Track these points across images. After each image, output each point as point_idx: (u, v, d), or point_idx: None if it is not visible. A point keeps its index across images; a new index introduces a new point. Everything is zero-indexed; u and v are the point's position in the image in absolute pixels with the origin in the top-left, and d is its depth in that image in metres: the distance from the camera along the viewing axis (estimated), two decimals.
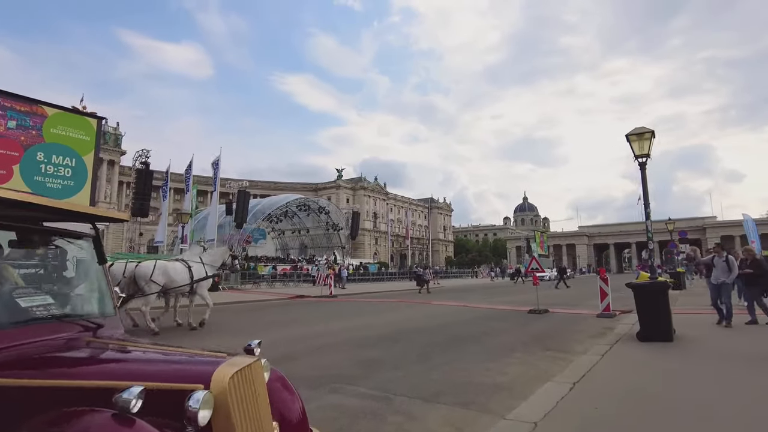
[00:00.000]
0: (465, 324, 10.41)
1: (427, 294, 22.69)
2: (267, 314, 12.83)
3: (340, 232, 48.86)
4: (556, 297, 19.70)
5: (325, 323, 10.74)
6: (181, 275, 9.07)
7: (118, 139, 73.00)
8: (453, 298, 19.97)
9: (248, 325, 10.24)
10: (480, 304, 16.10)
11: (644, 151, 8.15)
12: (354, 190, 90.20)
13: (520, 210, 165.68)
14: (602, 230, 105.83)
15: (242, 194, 38.08)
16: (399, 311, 13.67)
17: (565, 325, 10.31)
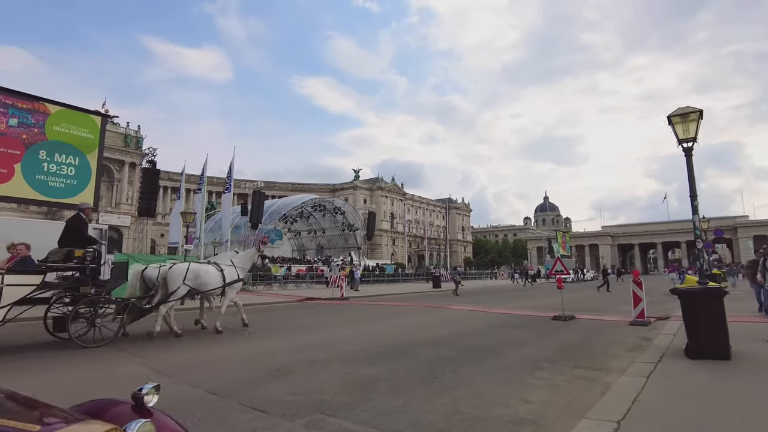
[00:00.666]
0: (481, 333, 9.32)
1: (454, 296, 21.50)
2: (268, 319, 11.97)
3: (356, 232, 48.05)
4: (581, 301, 18.32)
5: (326, 331, 9.81)
6: (214, 278, 9.01)
7: (139, 141, 73.81)
8: (470, 301, 18.82)
9: (241, 333, 9.37)
10: (499, 308, 14.93)
11: (689, 135, 6.96)
12: (371, 190, 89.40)
13: (540, 210, 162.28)
14: (626, 230, 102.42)
15: (257, 195, 37.54)
16: (410, 317, 12.65)
17: (596, 335, 9.12)
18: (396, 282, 37.79)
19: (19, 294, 6.53)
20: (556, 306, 14.83)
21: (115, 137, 72.02)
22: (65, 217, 33.04)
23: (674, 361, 5.96)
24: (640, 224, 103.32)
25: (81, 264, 7.31)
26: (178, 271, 8.59)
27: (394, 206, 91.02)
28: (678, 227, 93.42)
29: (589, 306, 15.79)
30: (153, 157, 18.95)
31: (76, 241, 7.54)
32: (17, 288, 6.49)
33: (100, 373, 5.75)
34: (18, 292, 6.51)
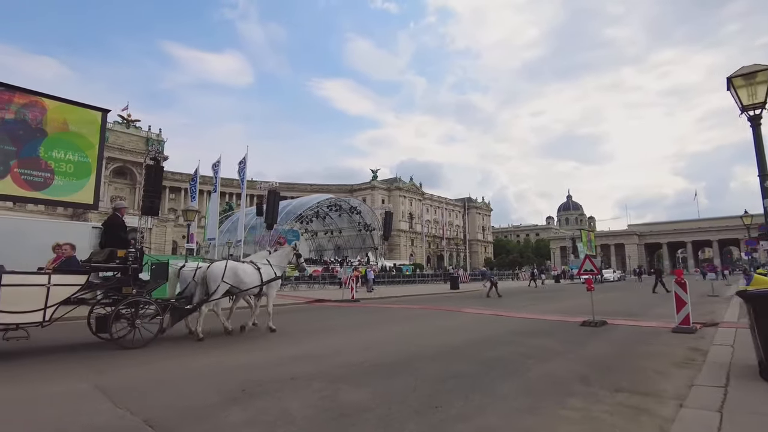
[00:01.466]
0: (499, 342, 8.03)
1: (493, 298, 20.04)
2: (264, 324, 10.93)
3: (372, 232, 47.03)
4: (611, 303, 16.75)
5: (321, 339, 8.70)
6: (251, 277, 8.94)
7: (161, 144, 74.80)
8: (488, 304, 17.46)
9: (234, 339, 8.36)
10: (520, 312, 13.57)
11: (757, 100, 5.58)
12: (389, 190, 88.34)
13: (564, 209, 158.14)
14: (654, 229, 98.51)
15: (272, 194, 36.83)
16: (419, 322, 11.44)
17: (635, 345, 7.74)
18: (412, 283, 36.53)
19: (64, 294, 6.57)
20: (583, 309, 13.45)
21: (137, 140, 73.13)
22: (90, 218, 31.43)
23: (748, 385, 4.61)
24: (669, 222, 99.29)
25: (123, 264, 7.35)
26: (216, 269, 8.50)
27: (413, 206, 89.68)
28: (709, 225, 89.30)
29: (620, 309, 14.26)
30: (157, 154, 18.13)
31: (117, 241, 7.58)
32: (63, 288, 6.55)
33: (34, 390, 4.78)
34: (63, 292, 6.56)
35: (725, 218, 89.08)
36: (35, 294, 6.29)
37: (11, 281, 6.13)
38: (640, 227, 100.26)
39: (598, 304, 14.93)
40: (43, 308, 6.33)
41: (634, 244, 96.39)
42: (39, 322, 6.34)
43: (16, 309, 6.11)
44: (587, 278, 10.60)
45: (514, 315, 12.59)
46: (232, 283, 8.62)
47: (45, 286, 6.37)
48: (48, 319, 6.41)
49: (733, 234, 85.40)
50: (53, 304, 6.43)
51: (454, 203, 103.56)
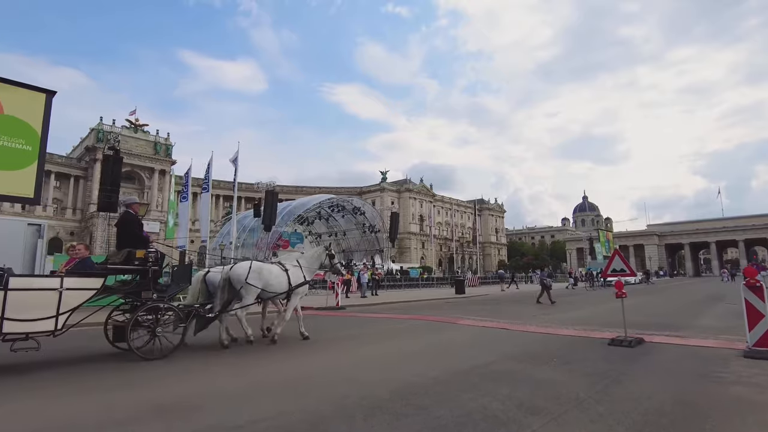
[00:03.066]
0: (489, 377, 5.32)
1: (548, 305, 16.87)
2: (203, 339, 8.48)
3: (377, 234, 44.51)
4: (640, 311, 13.87)
5: (268, 364, 6.29)
6: (278, 279, 8.13)
7: (169, 149, 73.67)
8: (494, 312, 14.73)
9: (160, 368, 5.95)
10: (528, 324, 10.83)
11: None
12: (399, 192, 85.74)
13: (579, 210, 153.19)
14: (675, 229, 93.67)
15: (270, 195, 34.54)
16: (399, 339, 8.83)
17: (699, 382, 5.04)
18: (416, 287, 33.84)
19: (79, 299, 5.92)
20: (606, 319, 10.78)
21: (146, 145, 72.06)
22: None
23: None
24: (691, 222, 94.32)
25: (142, 266, 6.65)
26: (239, 270, 7.80)
27: (423, 208, 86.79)
28: (734, 225, 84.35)
29: (654, 319, 11.42)
30: (116, 143, 15.92)
31: (133, 240, 6.85)
32: (77, 293, 5.91)
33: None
34: (78, 297, 5.92)
35: (752, 217, 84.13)
36: (46, 299, 5.62)
37: (20, 285, 5.48)
38: (660, 227, 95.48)
39: (627, 311, 12.22)
40: (55, 315, 5.64)
41: (654, 245, 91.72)
42: (51, 331, 5.63)
43: (25, 316, 5.44)
44: (616, 280, 7.82)
45: (520, 328, 9.85)
46: (259, 285, 7.79)
47: (57, 290, 5.68)
48: (61, 327, 5.71)
49: (760, 233, 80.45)
50: (66, 311, 5.74)
51: (466, 205, 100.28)
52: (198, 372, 5.82)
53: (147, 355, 6.40)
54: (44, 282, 5.91)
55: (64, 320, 5.78)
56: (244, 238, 41.33)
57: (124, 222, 7.16)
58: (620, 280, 7.74)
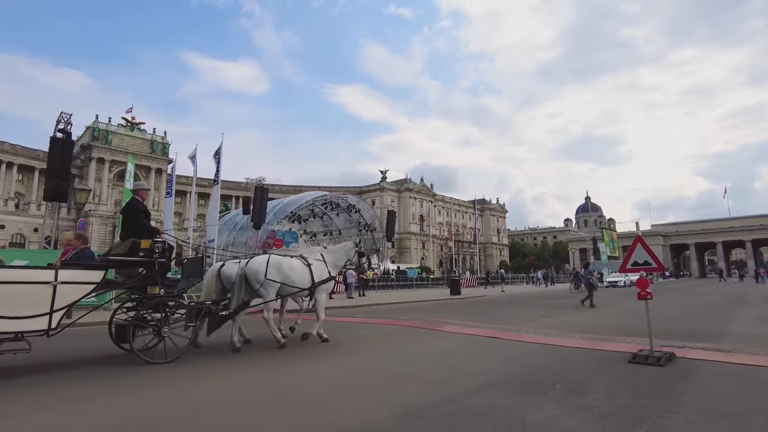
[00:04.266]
0: (467, 421, 3.45)
1: (588, 308, 14.47)
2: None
3: (373, 233, 42.66)
4: (660, 313, 11.94)
5: (170, 397, 4.44)
6: (300, 275, 7.31)
7: (165, 148, 72.18)
8: (486, 315, 12.83)
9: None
10: (525, 329, 8.92)
11: None
12: (399, 192, 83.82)
13: (582, 211, 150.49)
14: (680, 229, 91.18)
15: (259, 191, 32.76)
16: (357, 353, 6.91)
17: None
18: (410, 288, 31.99)
19: (76, 294, 5.19)
20: (619, 324, 8.91)
21: (142, 143, 70.60)
22: None
23: None
24: (697, 222, 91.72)
25: (148, 258, 5.92)
26: (256, 265, 7.02)
27: (424, 208, 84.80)
28: (741, 225, 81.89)
29: (680, 325, 9.51)
30: (66, 125, 14.10)
31: (139, 229, 6.16)
32: (74, 287, 5.17)
33: None
34: (75, 292, 5.18)
35: (759, 217, 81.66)
36: (38, 294, 4.96)
37: (7, 277, 4.85)
38: (665, 227, 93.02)
39: (634, 314, 10.32)
40: (48, 312, 4.98)
41: (659, 245, 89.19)
42: (44, 330, 4.98)
43: (13, 313, 4.76)
44: (639, 277, 5.86)
45: (513, 337, 7.90)
46: (279, 280, 7.02)
47: (51, 284, 5.02)
48: (55, 326, 5.06)
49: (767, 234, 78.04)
50: (62, 307, 5.09)
51: (467, 205, 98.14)
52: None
53: (151, 357, 5.63)
54: (36, 274, 5.13)
55: (59, 318, 5.09)
56: (234, 236, 39.61)
57: (130, 209, 6.42)
58: (644, 276, 5.79)
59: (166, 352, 5.66)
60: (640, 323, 8.86)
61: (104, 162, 65.50)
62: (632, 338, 7.31)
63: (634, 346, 6.29)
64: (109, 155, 65.83)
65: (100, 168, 65.58)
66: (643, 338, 7.24)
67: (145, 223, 6.32)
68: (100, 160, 65.23)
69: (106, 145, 65.46)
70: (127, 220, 6.47)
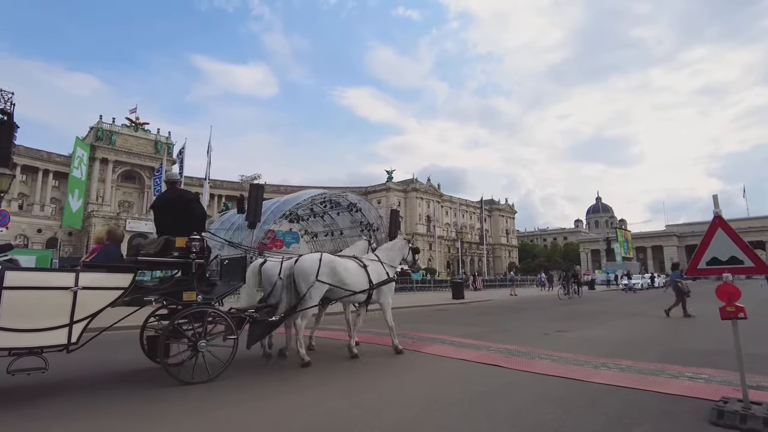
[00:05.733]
0: None
1: (683, 317, 11.71)
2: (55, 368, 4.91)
3: (376, 233, 40.57)
4: (702, 329, 9.59)
5: None
6: (355, 276, 6.32)
7: (170, 148, 70.96)
8: (489, 327, 10.58)
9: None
10: (537, 356, 6.64)
11: None
12: (405, 192, 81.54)
13: (593, 211, 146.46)
14: (696, 229, 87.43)
15: (255, 189, 30.64)
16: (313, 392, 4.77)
17: None
18: (410, 291, 29.73)
19: (100, 302, 4.34)
20: (653, 339, 6.73)
21: (146, 144, 69.45)
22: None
23: None
24: None
25: (184, 258, 5.00)
26: (307, 264, 6.02)
27: (431, 208, 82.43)
28: (761, 224, 78.13)
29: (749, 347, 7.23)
30: (8, 104, 12.13)
31: (182, 224, 5.16)
32: (97, 293, 4.33)
33: None
34: (99, 299, 4.33)
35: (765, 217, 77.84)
36: (56, 302, 4.07)
37: (19, 282, 3.97)
38: (680, 227, 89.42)
39: (688, 330, 8.05)
40: (68, 324, 4.10)
41: (674, 246, 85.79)
42: (63, 345, 4.10)
43: (26, 326, 3.93)
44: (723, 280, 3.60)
45: (523, 366, 5.60)
46: (333, 282, 6.07)
47: (70, 289, 4.12)
48: (76, 340, 4.14)
49: None
50: (83, 318, 4.16)
51: (475, 205, 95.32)
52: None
53: (183, 376, 4.70)
54: (52, 278, 4.29)
55: (81, 330, 4.24)
56: (231, 236, 37.94)
57: (168, 200, 5.48)
58: (730, 281, 3.52)
59: (208, 369, 4.80)
60: (693, 342, 6.70)
61: (108, 162, 64.40)
62: (693, 369, 5.07)
63: (708, 388, 4.05)
64: (113, 156, 64.72)
65: (104, 168, 64.49)
66: (710, 369, 4.99)
67: (187, 217, 5.27)
68: (103, 161, 64.15)
69: (109, 145, 64.37)
70: (163, 213, 5.44)
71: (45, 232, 60.60)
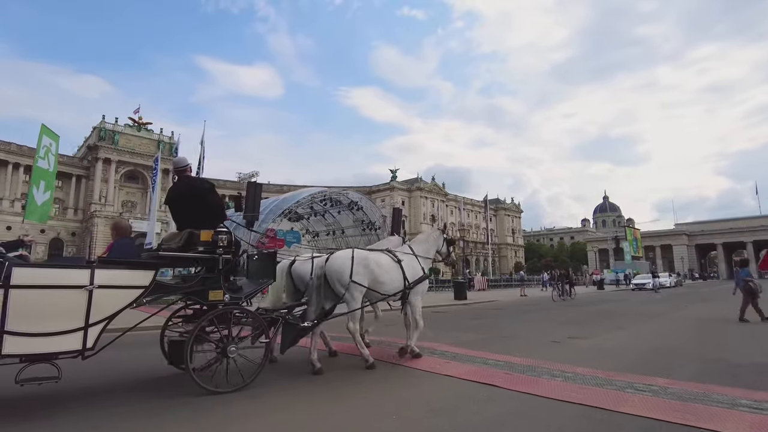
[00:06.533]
0: None
1: (761, 321, 10.14)
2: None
3: (378, 231, 39.51)
4: (739, 335, 8.40)
5: None
6: (390, 274, 5.72)
7: (173, 148, 70.38)
8: (490, 333, 9.44)
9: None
10: (545, 372, 5.46)
11: None
12: (409, 191, 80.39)
13: (600, 211, 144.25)
14: (706, 228, 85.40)
15: (252, 186, 29.66)
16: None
17: None
18: None
19: (118, 302, 3.86)
20: (690, 349, 5.61)
21: (149, 144, 68.89)
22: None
23: None
24: (725, 220, 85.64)
25: (210, 253, 4.46)
26: (339, 261, 5.49)
27: (435, 207, 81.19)
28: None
29: None
30: None
31: (201, 216, 4.67)
32: (115, 292, 3.85)
33: None
34: (117, 299, 3.85)
35: None
36: (70, 302, 3.62)
37: (29, 280, 3.49)
38: (689, 226, 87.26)
39: (721, 336, 6.92)
40: (83, 327, 3.64)
41: (683, 245, 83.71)
42: (78, 351, 3.65)
43: (37, 329, 3.47)
44: None
45: (525, 386, 4.43)
46: (366, 283, 5.46)
47: (85, 288, 3.65)
48: (92, 345, 3.69)
49: None
50: (100, 320, 3.72)
51: (480, 204, 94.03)
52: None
53: (214, 386, 4.14)
54: (66, 276, 3.65)
55: (97, 334, 3.71)
56: None
57: (184, 188, 4.92)
58: None
59: (242, 375, 4.38)
60: (737, 353, 5.57)
61: (110, 162, 63.92)
62: (755, 395, 3.92)
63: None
64: (116, 156, 64.23)
65: (107, 168, 64.01)
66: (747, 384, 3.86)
67: (219, 203, 4.86)
68: (106, 161, 63.68)
69: (112, 145, 63.90)
70: (180, 204, 4.89)
71: (48, 232, 60.23)
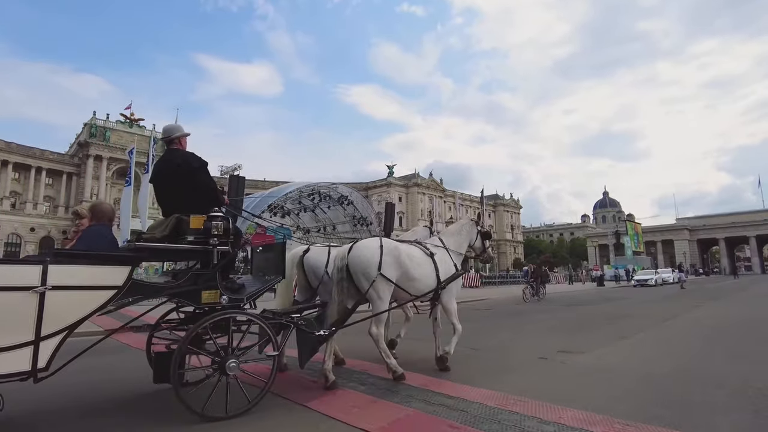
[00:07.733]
0: None
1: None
2: None
3: (370, 227, 37.91)
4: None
5: None
6: (422, 268, 4.81)
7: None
8: (467, 346, 7.79)
9: None
10: (503, 411, 3.88)
11: None
12: (407, 187, 78.65)
13: (600, 206, 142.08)
14: (708, 222, 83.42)
15: (234, 180, 27.90)
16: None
17: None
18: None
19: (81, 308, 2.88)
20: (706, 366, 3.86)
21: (141, 140, 67.12)
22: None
23: None
24: (728, 215, 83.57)
25: (202, 244, 3.54)
26: (366, 251, 4.46)
27: (433, 204, 79.47)
28: None
29: None
30: None
31: (195, 199, 3.76)
32: (78, 294, 2.89)
33: None
34: (80, 304, 2.89)
35: None
36: (14, 309, 2.66)
37: None
38: (691, 221, 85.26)
39: (746, 345, 5.35)
40: (32, 341, 2.69)
41: (685, 240, 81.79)
42: (25, 373, 2.69)
43: None
44: None
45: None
46: (395, 278, 4.47)
47: (35, 290, 2.69)
48: (45, 364, 2.73)
49: None
50: (57, 331, 2.76)
51: (479, 200, 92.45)
52: None
53: (208, 410, 3.22)
54: (5, 274, 2.65)
55: (53, 349, 2.72)
56: None
57: (171, 165, 3.84)
58: None
59: (246, 395, 3.38)
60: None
61: (102, 159, 62.37)
62: None
63: None
64: (107, 152, 62.65)
65: (98, 166, 62.46)
66: None
67: (210, 183, 3.83)
68: (97, 158, 62.12)
69: (103, 142, 62.33)
70: (166, 183, 3.84)
71: (38, 231, 58.75)
